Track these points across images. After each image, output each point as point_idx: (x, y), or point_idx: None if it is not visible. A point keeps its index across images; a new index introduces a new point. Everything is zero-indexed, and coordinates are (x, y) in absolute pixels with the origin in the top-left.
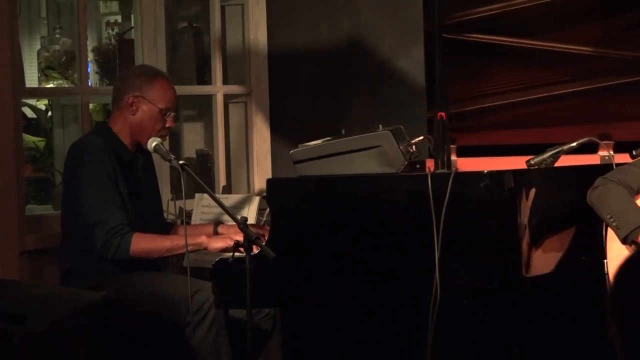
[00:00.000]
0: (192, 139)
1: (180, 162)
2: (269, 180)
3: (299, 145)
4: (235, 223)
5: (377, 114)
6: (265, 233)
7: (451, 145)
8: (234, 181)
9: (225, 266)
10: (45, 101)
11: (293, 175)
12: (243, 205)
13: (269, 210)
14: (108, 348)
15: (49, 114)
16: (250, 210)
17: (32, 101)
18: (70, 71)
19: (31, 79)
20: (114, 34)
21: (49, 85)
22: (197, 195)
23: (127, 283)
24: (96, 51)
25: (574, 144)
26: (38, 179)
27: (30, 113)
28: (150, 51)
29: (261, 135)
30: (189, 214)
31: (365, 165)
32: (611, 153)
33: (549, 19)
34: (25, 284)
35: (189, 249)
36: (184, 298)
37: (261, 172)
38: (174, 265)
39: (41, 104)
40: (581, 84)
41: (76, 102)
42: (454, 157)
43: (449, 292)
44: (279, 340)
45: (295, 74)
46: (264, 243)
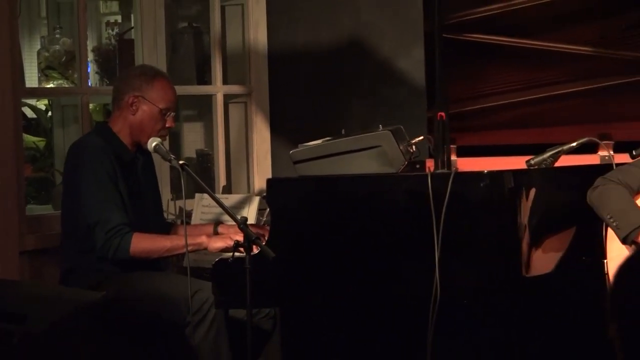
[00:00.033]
0: (192, 139)
1: (180, 162)
2: (269, 180)
3: (299, 145)
4: (235, 223)
5: (377, 114)
6: (265, 233)
7: (451, 145)
8: (234, 181)
9: (225, 266)
10: (45, 101)
11: (293, 175)
12: (243, 205)
13: (268, 210)
14: (108, 348)
15: (49, 114)
16: (250, 210)
17: (32, 101)
18: (70, 71)
19: (31, 79)
20: (114, 34)
21: (49, 85)
22: (197, 195)
23: (127, 283)
24: (96, 51)
25: (574, 144)
26: (38, 178)
27: (30, 113)
28: (150, 51)
29: (261, 135)
30: (189, 214)
31: (365, 165)
32: (611, 153)
33: (549, 19)
34: (26, 283)
35: (189, 248)
36: (184, 298)
37: (261, 172)
38: (174, 265)
39: (41, 104)
40: (581, 84)
41: (76, 102)
42: (454, 157)
43: (449, 292)
44: (279, 340)
45: (295, 74)
46: (264, 243)
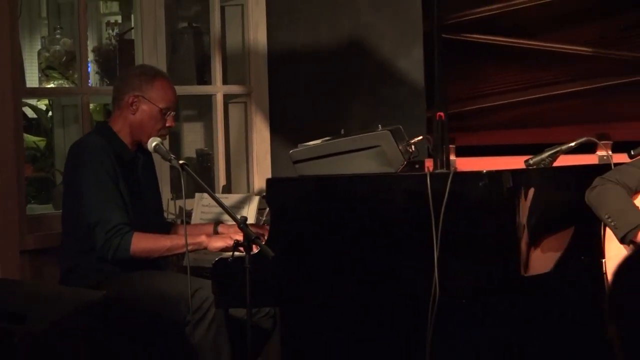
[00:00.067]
0: (192, 138)
1: (180, 162)
2: (268, 180)
3: (299, 145)
4: (235, 222)
5: (377, 114)
6: (265, 233)
7: (450, 145)
8: (233, 181)
9: (225, 265)
10: (46, 101)
11: (292, 175)
12: (243, 205)
13: (268, 209)
14: (108, 347)
15: (50, 113)
16: (250, 209)
17: (33, 101)
18: (70, 71)
19: (32, 79)
20: (114, 34)
21: (49, 85)
22: (197, 194)
23: (127, 282)
24: (96, 51)
25: (573, 144)
26: (38, 178)
27: (30, 113)
28: (150, 51)
29: (261, 135)
30: (189, 214)
31: (364, 165)
32: (609, 153)
33: (548, 19)
34: (26, 283)
35: (189, 248)
36: (184, 297)
37: (261, 172)
38: (174, 264)
39: (42, 104)
40: (580, 84)
41: (76, 102)
42: (452, 157)
43: (448, 292)
44: (279, 339)
45: (295, 74)
46: (263, 243)
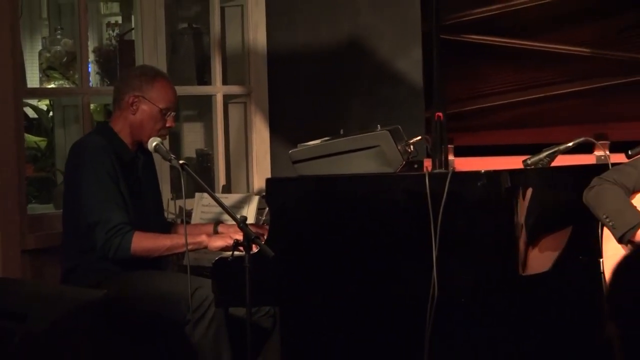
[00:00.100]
0: (192, 138)
1: (180, 162)
2: (268, 180)
3: (298, 145)
4: (234, 222)
5: (376, 114)
6: (265, 232)
7: (449, 145)
8: (233, 181)
9: (225, 265)
10: (47, 101)
11: (292, 175)
12: (242, 205)
13: (268, 209)
14: (109, 347)
15: (50, 114)
16: (250, 209)
17: (34, 101)
18: (71, 72)
19: (32, 79)
20: (114, 34)
21: (50, 86)
22: (197, 194)
23: (128, 282)
24: (97, 52)
25: (570, 144)
26: (39, 178)
27: (31, 113)
28: (151, 52)
29: (260, 135)
30: (189, 213)
31: (363, 165)
32: (607, 153)
33: (546, 20)
34: (27, 282)
35: (189, 247)
36: (184, 296)
37: (260, 172)
38: (174, 264)
39: (42, 104)
40: (578, 84)
41: (77, 102)
42: (451, 157)
43: (446, 291)
44: (278, 338)
45: (295, 74)
46: (263, 242)
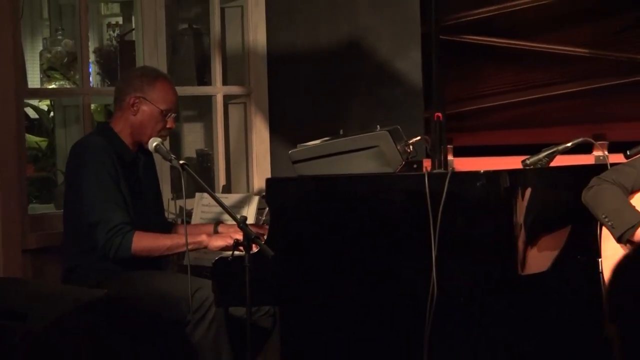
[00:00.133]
0: (192, 139)
1: (181, 162)
2: (268, 180)
3: (298, 145)
4: (235, 222)
5: (375, 114)
6: (265, 232)
7: (448, 145)
8: (233, 181)
9: (225, 264)
10: (48, 102)
11: (292, 175)
12: (242, 205)
13: (268, 209)
14: (109, 346)
15: (51, 114)
16: (250, 209)
17: (35, 102)
18: (72, 72)
19: (33, 79)
20: (115, 35)
21: (51, 86)
22: (197, 194)
23: (128, 282)
24: (97, 52)
25: (569, 144)
26: (40, 178)
27: (32, 113)
28: (151, 52)
29: (260, 136)
30: (189, 213)
31: (363, 165)
32: (606, 153)
33: (545, 20)
34: (28, 282)
35: (190, 247)
36: (184, 297)
37: (260, 172)
38: (174, 264)
39: (43, 105)
40: (577, 84)
41: (78, 103)
42: (450, 157)
43: (446, 291)
44: (278, 338)
45: (294, 74)
46: (263, 242)
